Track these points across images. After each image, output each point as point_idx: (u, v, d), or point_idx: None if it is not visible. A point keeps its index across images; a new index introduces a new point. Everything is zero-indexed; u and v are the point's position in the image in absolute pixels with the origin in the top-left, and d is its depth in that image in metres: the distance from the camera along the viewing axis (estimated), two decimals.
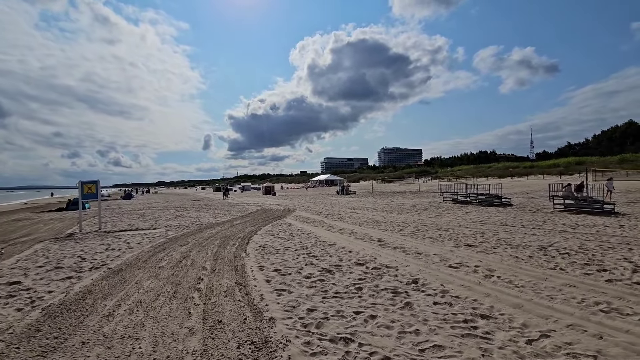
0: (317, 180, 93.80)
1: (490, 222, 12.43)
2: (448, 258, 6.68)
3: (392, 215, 15.78)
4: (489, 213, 15.47)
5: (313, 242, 9.11)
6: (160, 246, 8.80)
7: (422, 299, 4.31)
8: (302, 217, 16.33)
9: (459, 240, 8.83)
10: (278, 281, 5.31)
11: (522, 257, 6.60)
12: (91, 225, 14.33)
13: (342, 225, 12.79)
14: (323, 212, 18.30)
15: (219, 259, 7.06)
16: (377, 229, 11.33)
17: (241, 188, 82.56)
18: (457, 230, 10.55)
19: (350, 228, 11.77)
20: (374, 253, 7.38)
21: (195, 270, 6.07)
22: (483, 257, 6.74)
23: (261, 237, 10.22)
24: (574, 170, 56.77)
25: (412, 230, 10.78)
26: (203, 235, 10.66)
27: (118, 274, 5.99)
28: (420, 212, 17.18)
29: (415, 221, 13.35)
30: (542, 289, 4.63)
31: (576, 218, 12.93)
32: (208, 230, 11.86)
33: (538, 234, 9.46)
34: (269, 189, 51.42)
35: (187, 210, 21.53)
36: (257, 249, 8.13)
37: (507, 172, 67.97)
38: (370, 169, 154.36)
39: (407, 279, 5.28)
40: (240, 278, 5.50)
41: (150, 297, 4.57)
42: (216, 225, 13.59)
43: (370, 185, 69.65)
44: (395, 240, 8.97)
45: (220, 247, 8.50)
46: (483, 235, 9.55)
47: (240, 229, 12.06)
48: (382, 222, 13.20)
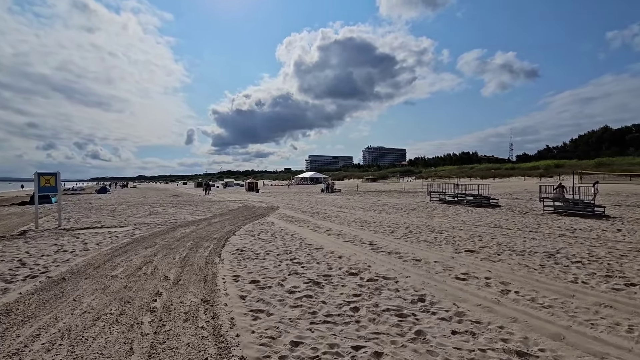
0: (301, 177, 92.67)
1: (483, 224, 11.82)
2: (452, 266, 5.88)
3: (380, 215, 15.01)
4: (478, 214, 14.93)
5: (298, 245, 8.15)
6: (122, 248, 7.63)
7: (435, 326, 3.44)
8: (286, 215, 15.33)
9: (457, 244, 8.08)
10: (255, 297, 4.33)
11: (533, 266, 5.87)
12: (53, 222, 12.86)
13: (328, 225, 11.88)
14: (308, 211, 17.35)
15: (187, 265, 6.00)
16: (367, 230, 10.49)
17: (224, 184, 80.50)
18: (452, 233, 9.83)
19: (338, 229, 10.87)
20: (367, 259, 6.50)
21: (154, 282, 5.01)
22: (490, 265, 5.97)
23: (240, 238, 9.18)
24: (554, 173, 57.98)
25: (405, 232, 9.99)
26: (175, 236, 9.51)
27: (57, 285, 4.85)
28: (409, 212, 16.50)
29: (405, 222, 12.60)
30: (574, 310, 3.86)
31: (569, 221, 12.50)
32: (181, 230, 10.70)
33: (538, 238, 8.84)
34: (252, 186, 50.01)
35: (163, 207, 20.12)
36: (234, 253, 7.09)
37: (489, 173, 68.89)
38: (355, 168, 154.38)
39: (411, 294, 4.41)
40: (208, 293, 4.49)
41: (85, 322, 3.50)
42: (192, 223, 12.41)
43: (355, 183, 69.16)
44: (389, 244, 8.13)
45: (191, 250, 7.42)
46: (481, 239, 8.86)
47: (218, 229, 10.95)
48: (371, 223, 12.38)
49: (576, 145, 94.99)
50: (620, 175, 43.52)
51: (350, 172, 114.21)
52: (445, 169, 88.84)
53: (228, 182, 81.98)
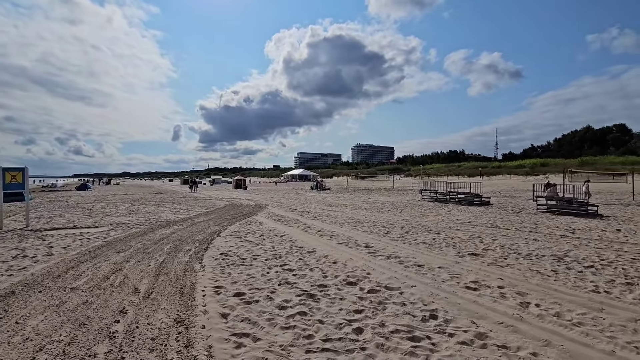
0: (290, 175, 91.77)
1: (479, 223, 11.42)
2: (458, 273, 5.34)
3: (373, 214, 14.49)
4: (472, 213, 14.58)
5: (288, 247, 7.50)
6: (91, 253, 6.82)
7: (457, 353, 2.86)
8: (274, 214, 14.64)
9: (459, 246, 7.58)
10: (239, 315, 3.67)
11: (546, 273, 5.39)
12: (21, 222, 11.83)
13: (320, 225, 11.26)
14: (298, 209, 16.70)
15: (162, 274, 5.28)
16: (361, 231, 9.92)
17: (211, 181, 78.90)
18: (450, 234, 9.36)
19: (330, 229, 10.27)
20: (365, 265, 5.91)
21: (121, 295, 4.29)
22: (499, 272, 5.47)
23: (225, 240, 8.46)
24: (539, 171, 58.95)
25: (401, 233, 9.47)
26: (153, 237, 8.73)
27: (1, 302, 4.08)
28: (401, 210, 16.05)
29: (399, 221, 12.10)
30: (609, 328, 3.35)
31: (564, 220, 12.24)
32: (162, 231, 9.90)
33: (540, 239, 8.44)
34: (240, 183, 48.94)
35: (145, 205, 19.12)
36: (217, 259, 6.39)
37: (477, 172, 69.60)
38: (343, 165, 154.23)
39: (421, 310, 3.84)
40: (184, 310, 3.81)
41: (22, 355, 2.79)
42: (174, 223, 11.60)
43: (344, 181, 68.79)
44: (386, 247, 7.57)
45: (170, 254, 6.68)
46: (482, 240, 8.40)
47: (202, 229, 10.19)
48: (364, 222, 11.83)
49: (560, 145, 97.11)
50: (604, 174, 44.25)
51: (339, 170, 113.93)
52: (433, 167, 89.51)
53: (215, 180, 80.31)
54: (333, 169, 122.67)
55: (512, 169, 66.23)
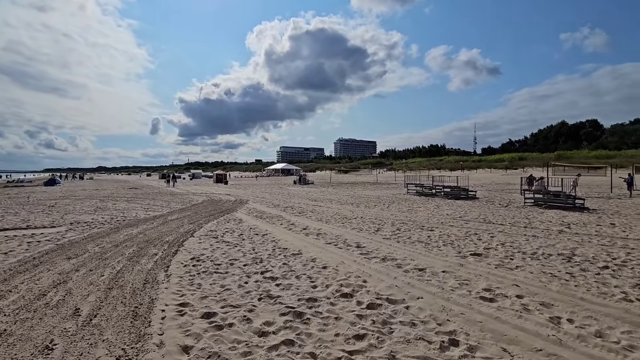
0: (273, 169, 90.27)
1: (471, 218, 10.92)
2: (466, 279, 4.67)
3: (360, 209, 13.81)
4: (461, 207, 14.15)
5: (270, 249, 6.65)
6: (35, 260, 5.74)
7: None
8: (256, 210, 13.70)
9: (458, 245, 6.96)
10: (206, 349, 2.81)
11: (561, 276, 4.80)
12: None
13: (305, 222, 10.45)
14: (281, 205, 15.81)
15: (116, 287, 4.33)
16: (350, 228, 9.18)
17: (191, 176, 76.46)
18: (445, 230, 8.76)
19: (316, 226, 9.48)
20: (359, 270, 5.16)
21: (55, 320, 3.34)
22: (511, 276, 4.83)
23: (199, 241, 7.51)
24: (518, 165, 60.25)
25: (393, 231, 8.79)
26: (116, 239, 7.66)
27: None
28: (388, 205, 15.46)
29: (388, 217, 11.46)
30: None
31: (554, 214, 11.95)
32: (128, 230, 8.81)
33: (540, 236, 7.96)
34: (220, 177, 47.40)
35: (115, 201, 17.70)
36: (187, 265, 5.47)
37: (458, 165, 70.50)
38: (326, 159, 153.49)
39: (436, 331, 3.10)
40: (132, 342, 2.91)
41: None
42: (143, 221, 10.49)
43: (327, 175, 68.15)
44: (379, 246, 6.85)
45: (131, 260, 5.69)
46: (480, 237, 7.83)
47: (174, 228, 9.17)
48: (352, 219, 11.10)
49: (536, 139, 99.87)
50: (579, 167, 45.21)
51: (322, 164, 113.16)
52: (415, 161, 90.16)
53: (195, 174, 77.86)
54: (316, 163, 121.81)
55: (491, 162, 67.43)
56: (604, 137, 78.73)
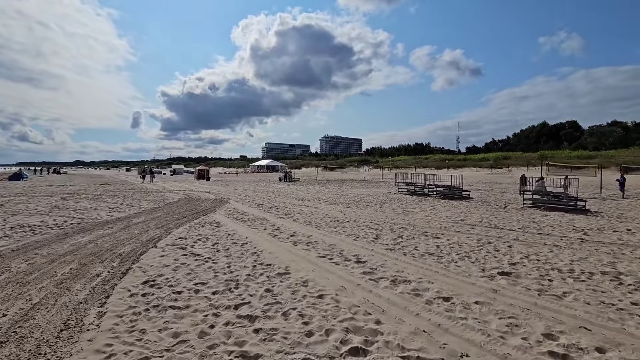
0: (257, 165, 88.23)
1: (474, 222, 9.87)
2: (512, 316, 3.49)
3: (351, 210, 12.61)
4: (458, 209, 13.17)
5: (250, 266, 5.31)
6: None
7: None
8: (237, 211, 12.27)
9: (475, 259, 5.83)
10: None
11: (629, 309, 3.71)
12: None
13: (292, 226, 9.14)
14: (265, 205, 14.43)
15: (15, 337, 2.92)
16: (344, 235, 7.93)
17: (172, 171, 73.62)
18: (452, 238, 7.64)
19: (306, 232, 8.18)
20: (367, 300, 3.91)
21: None
22: (566, 309, 3.69)
23: (161, 253, 6.09)
24: (502, 164, 60.70)
25: (394, 238, 7.61)
26: (56, 251, 6.14)
27: None
28: (381, 205, 14.34)
29: (384, 220, 10.30)
30: None
31: (559, 217, 11.12)
32: (77, 238, 7.27)
33: (562, 245, 6.95)
34: (202, 173, 45.35)
35: (79, 199, 15.84)
36: (135, 294, 4.08)
37: (443, 164, 70.54)
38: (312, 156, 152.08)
39: None
40: None
41: None
42: (102, 225, 8.92)
43: (313, 172, 66.88)
44: (384, 261, 5.63)
45: (59, 286, 4.24)
46: (496, 247, 6.74)
47: (135, 235, 7.68)
48: (344, 222, 9.87)
49: (518, 139, 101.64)
50: (563, 167, 45.34)
51: (308, 161, 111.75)
52: (401, 159, 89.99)
53: (177, 169, 75.01)
54: (302, 160, 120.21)
55: (476, 161, 67.76)
56: (583, 138, 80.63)
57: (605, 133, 77.36)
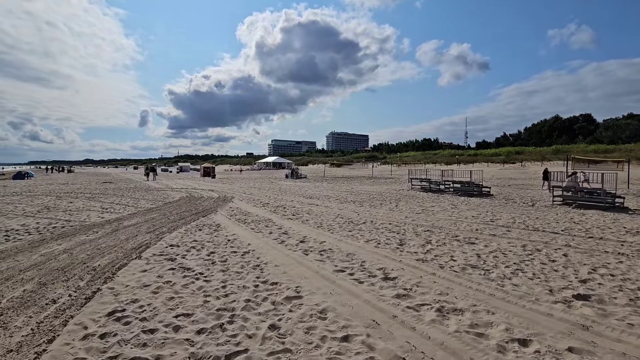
0: (264, 162, 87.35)
1: (507, 223, 8.63)
2: None
3: (365, 210, 11.46)
4: (482, 207, 11.91)
5: (251, 287, 4.21)
6: None
7: None
8: (240, 211, 11.20)
9: (530, 273, 4.64)
10: None
11: None
12: None
13: (301, 229, 8.02)
14: (271, 204, 13.34)
15: None
16: (363, 240, 6.79)
17: (178, 169, 73.21)
18: (491, 244, 6.44)
19: (317, 237, 7.06)
20: (411, 346, 2.78)
21: None
22: None
23: (144, 266, 5.03)
24: (515, 159, 58.78)
25: (421, 244, 6.44)
26: (20, 263, 5.11)
27: None
28: (396, 204, 13.16)
29: (403, 220, 9.13)
30: None
31: (600, 216, 9.84)
32: (51, 245, 6.26)
33: (628, 253, 5.73)
34: (208, 171, 44.58)
35: (74, 199, 14.95)
36: (92, 334, 2.98)
37: (453, 160, 68.79)
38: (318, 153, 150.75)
39: None
40: None
41: None
42: (88, 229, 7.92)
43: (320, 168, 65.73)
44: (419, 277, 4.48)
45: None
46: (550, 257, 5.53)
47: (121, 241, 6.63)
48: (359, 223, 8.74)
49: (530, 134, 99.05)
50: (589, 161, 42.63)
51: (315, 158, 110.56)
52: (409, 154, 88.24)
53: (183, 167, 74.61)
54: (308, 157, 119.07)
55: (488, 156, 65.85)
56: (598, 132, 77.97)
57: (621, 126, 74.69)
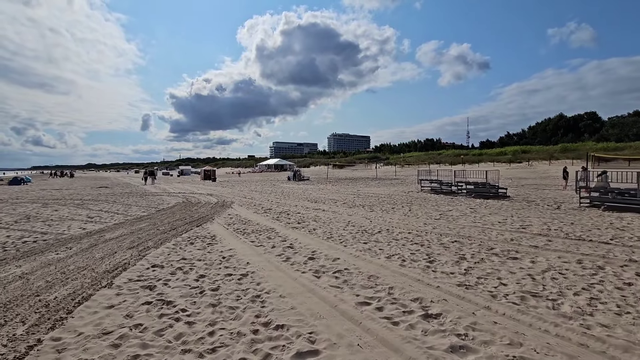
0: (265, 164, 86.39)
1: (544, 232, 7.46)
2: None
3: (376, 215, 10.34)
4: (505, 211, 10.76)
5: (249, 333, 3.09)
6: None
7: None
8: (239, 219, 10.10)
9: (609, 303, 3.54)
10: None
11: None
12: None
13: (309, 241, 6.91)
14: (273, 209, 12.25)
15: None
16: (383, 256, 5.67)
17: (179, 172, 72.40)
18: (537, 258, 5.31)
19: (329, 252, 5.95)
20: None
21: None
22: None
23: (112, 300, 3.93)
24: (521, 158, 57.51)
25: (455, 261, 5.32)
26: None
27: None
28: (409, 207, 12.05)
29: (422, 228, 8.00)
30: None
31: None
32: (7, 269, 5.18)
33: None
34: (208, 174, 43.56)
35: (62, 205, 13.91)
36: None
37: (458, 160, 67.53)
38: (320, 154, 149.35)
39: None
40: None
41: None
42: (62, 244, 6.83)
43: (322, 170, 64.65)
44: (471, 315, 3.37)
45: None
46: (626, 280, 4.42)
47: (93, 261, 5.54)
48: (374, 232, 7.62)
49: (534, 132, 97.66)
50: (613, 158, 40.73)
51: (317, 159, 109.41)
52: (412, 155, 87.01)
53: (184, 170, 73.87)
54: (310, 158, 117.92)
55: (493, 156, 64.59)
56: (604, 130, 76.53)
57: (629, 124, 73.30)
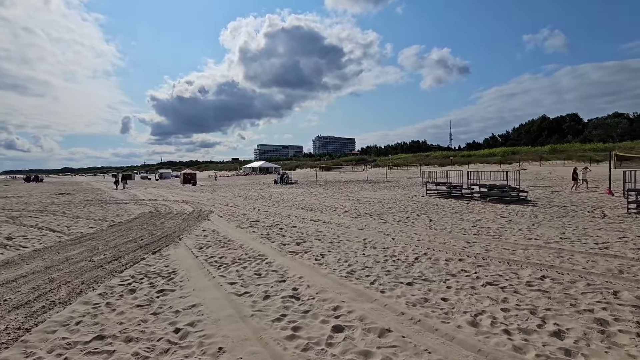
0: (250, 167, 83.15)
1: (620, 253, 5.35)
2: None
3: (391, 228, 8.04)
4: (550, 221, 8.67)
5: None
6: None
7: None
8: (216, 238, 7.54)
9: None
10: None
11: None
12: None
13: (322, 282, 4.46)
14: (262, 221, 9.75)
15: None
16: (462, 319, 3.34)
17: (158, 176, 68.40)
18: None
19: (363, 309, 3.52)
20: None
21: None
22: None
23: None
24: (511, 159, 56.92)
25: (526, 309, 3.05)
26: None
27: None
28: (418, 214, 9.89)
29: (469, 251, 5.71)
30: None
31: None
32: None
33: None
34: (188, 178, 40.47)
35: None
36: None
37: (447, 161, 66.44)
38: (306, 157, 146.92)
39: None
40: None
41: None
42: None
43: (309, 173, 62.25)
44: None
45: None
46: None
47: None
48: (410, 262, 5.28)
49: (519, 134, 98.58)
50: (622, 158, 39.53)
51: (303, 162, 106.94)
52: (400, 157, 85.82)
53: (164, 174, 69.83)
54: (296, 161, 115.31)
55: (482, 157, 63.91)
56: (587, 131, 77.54)
57: (612, 125, 74.45)
